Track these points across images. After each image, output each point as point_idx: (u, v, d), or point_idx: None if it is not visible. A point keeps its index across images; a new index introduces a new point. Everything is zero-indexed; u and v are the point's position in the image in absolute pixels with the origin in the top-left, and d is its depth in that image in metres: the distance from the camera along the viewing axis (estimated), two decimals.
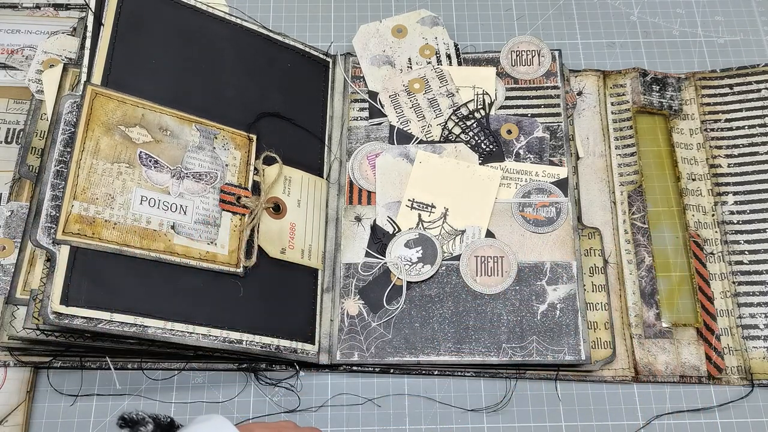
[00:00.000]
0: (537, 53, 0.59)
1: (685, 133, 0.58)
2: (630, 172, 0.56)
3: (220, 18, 0.54)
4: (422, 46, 0.60)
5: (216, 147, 0.50)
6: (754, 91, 0.59)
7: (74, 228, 0.43)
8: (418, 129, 0.57)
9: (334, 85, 0.59)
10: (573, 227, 0.53)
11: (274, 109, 0.54)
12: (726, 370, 0.51)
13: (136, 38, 0.49)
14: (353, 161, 0.56)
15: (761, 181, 0.56)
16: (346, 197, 0.55)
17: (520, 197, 0.54)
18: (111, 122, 0.46)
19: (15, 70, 0.57)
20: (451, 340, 0.50)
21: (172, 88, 0.50)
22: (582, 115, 0.59)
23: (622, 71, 0.60)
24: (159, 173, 0.47)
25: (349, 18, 0.64)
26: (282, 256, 0.51)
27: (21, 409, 0.48)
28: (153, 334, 0.44)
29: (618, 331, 0.52)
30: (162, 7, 0.51)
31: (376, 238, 0.54)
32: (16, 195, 0.52)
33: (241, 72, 0.54)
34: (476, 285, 0.52)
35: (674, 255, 0.54)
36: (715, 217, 0.56)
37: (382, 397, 0.51)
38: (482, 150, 0.56)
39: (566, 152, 0.56)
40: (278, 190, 0.52)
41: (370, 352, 0.50)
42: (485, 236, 0.53)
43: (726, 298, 0.53)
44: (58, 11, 0.60)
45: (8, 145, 0.54)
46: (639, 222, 0.55)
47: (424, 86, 0.58)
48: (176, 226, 0.46)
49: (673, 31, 0.64)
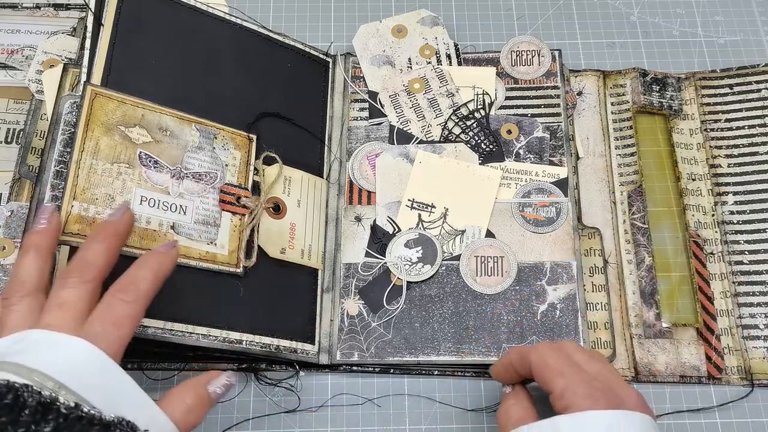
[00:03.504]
0: (537, 53, 0.59)
1: (685, 133, 0.58)
2: (630, 172, 0.56)
3: (220, 18, 0.54)
4: (422, 46, 0.60)
5: (216, 147, 0.50)
6: (754, 91, 0.59)
7: (74, 228, 0.43)
8: (418, 129, 0.57)
9: (334, 85, 0.59)
10: (573, 227, 0.53)
11: (274, 109, 0.54)
12: (726, 370, 0.51)
13: (136, 38, 0.49)
14: (353, 161, 0.56)
15: (761, 181, 0.56)
16: (346, 197, 0.55)
17: (520, 197, 0.54)
18: (111, 122, 0.46)
19: (15, 70, 0.57)
20: (451, 340, 0.50)
21: (171, 88, 0.50)
22: (582, 115, 0.59)
23: (622, 71, 0.60)
24: (159, 173, 0.47)
25: (349, 18, 0.64)
26: (282, 256, 0.51)
27: None
28: (153, 334, 0.44)
29: (618, 331, 0.52)
30: (162, 7, 0.51)
31: (376, 238, 0.54)
32: (16, 195, 0.52)
33: (241, 72, 0.54)
34: (476, 285, 0.52)
35: (674, 255, 0.54)
36: (715, 217, 0.56)
37: (382, 397, 0.51)
38: (482, 150, 0.56)
39: (566, 152, 0.56)
40: (278, 190, 0.52)
41: (370, 352, 0.50)
42: (485, 236, 0.53)
43: (726, 298, 0.53)
44: (58, 11, 0.60)
45: (8, 145, 0.54)
46: (639, 222, 0.55)
47: (424, 86, 0.58)
48: (176, 226, 0.46)
49: (673, 31, 0.64)
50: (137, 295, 0.38)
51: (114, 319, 0.37)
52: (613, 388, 0.39)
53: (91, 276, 0.38)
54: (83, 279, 0.38)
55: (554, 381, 0.39)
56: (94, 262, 0.39)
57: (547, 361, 0.40)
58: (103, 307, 0.38)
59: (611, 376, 0.40)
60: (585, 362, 0.40)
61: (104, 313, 0.37)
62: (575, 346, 0.42)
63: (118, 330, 0.37)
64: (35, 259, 0.39)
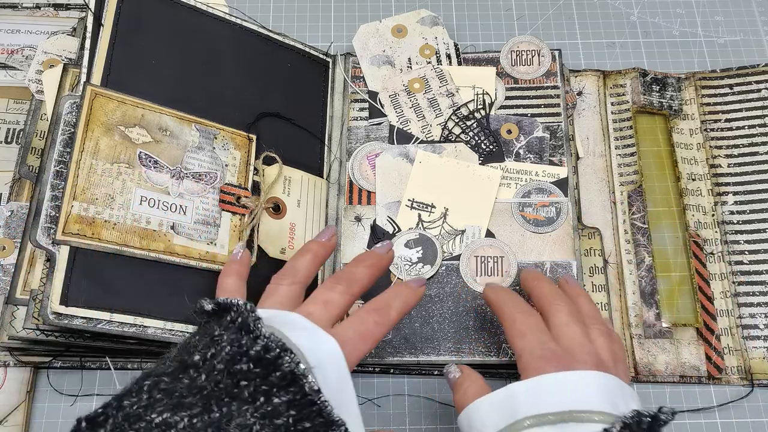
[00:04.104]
0: (537, 53, 0.59)
1: (685, 133, 0.58)
2: (630, 172, 0.56)
3: (220, 18, 0.54)
4: (422, 45, 0.60)
5: (216, 147, 0.50)
6: (754, 91, 0.59)
7: (74, 228, 0.43)
8: (418, 129, 0.57)
9: (334, 85, 0.59)
10: (573, 227, 0.53)
11: (274, 109, 0.54)
12: (726, 370, 0.51)
13: (136, 38, 0.49)
14: (353, 161, 0.56)
15: (761, 181, 0.56)
16: (346, 197, 0.55)
17: (520, 197, 0.54)
18: (110, 122, 0.46)
19: (15, 70, 0.57)
20: (451, 340, 0.50)
21: (171, 88, 0.50)
22: (582, 115, 0.59)
23: (622, 71, 0.60)
24: (159, 173, 0.47)
25: (349, 18, 0.64)
26: (282, 256, 0.51)
27: (21, 409, 0.48)
28: (153, 334, 0.44)
29: (618, 331, 0.52)
30: (161, 7, 0.51)
31: (376, 238, 0.54)
32: (16, 195, 0.52)
33: (240, 72, 0.54)
34: (476, 285, 0.52)
35: (674, 255, 0.54)
36: (715, 217, 0.56)
37: (382, 397, 0.51)
38: (482, 150, 0.56)
39: (566, 152, 0.56)
40: (278, 190, 0.52)
41: (370, 352, 0.50)
42: (485, 236, 0.53)
43: (726, 298, 0.53)
44: (58, 11, 0.60)
45: (8, 145, 0.54)
46: (639, 222, 0.55)
47: (424, 86, 0.58)
48: (176, 226, 0.46)
49: (673, 31, 0.64)
50: (387, 320, 0.41)
51: (363, 333, 0.39)
52: (572, 350, 0.39)
53: (356, 291, 0.42)
54: (349, 291, 0.41)
55: (515, 342, 0.41)
56: (360, 280, 0.43)
57: (514, 323, 0.42)
58: (357, 320, 0.40)
59: (582, 340, 0.40)
60: (561, 326, 0.41)
61: (357, 324, 0.39)
62: (566, 310, 0.43)
63: (363, 344, 0.39)
64: (313, 261, 0.44)
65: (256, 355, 0.32)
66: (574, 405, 0.36)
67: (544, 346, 0.39)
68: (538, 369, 0.38)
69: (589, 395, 0.36)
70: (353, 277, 0.42)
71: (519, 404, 0.37)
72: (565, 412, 0.35)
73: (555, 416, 0.35)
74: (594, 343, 0.41)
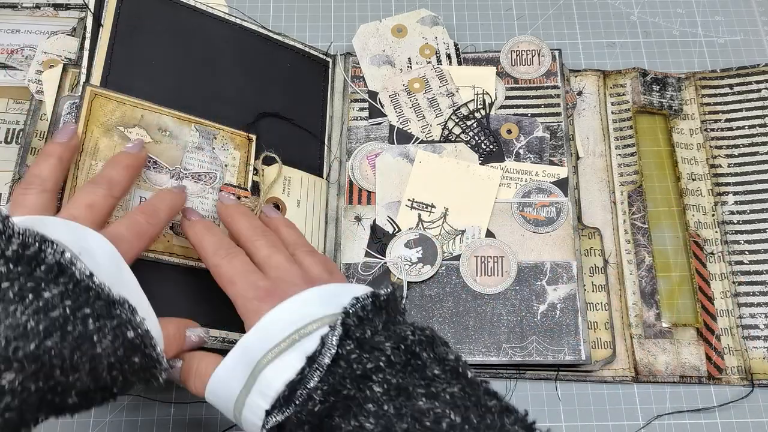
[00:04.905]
0: (537, 53, 0.59)
1: (685, 133, 0.58)
2: (630, 172, 0.56)
3: (219, 18, 0.54)
4: (422, 45, 0.59)
5: (215, 147, 0.50)
6: (754, 91, 0.59)
7: None
8: (418, 129, 0.57)
9: (334, 85, 0.59)
10: (573, 227, 0.53)
11: (273, 109, 0.54)
12: (726, 370, 0.51)
13: (136, 39, 0.49)
14: (353, 161, 0.56)
15: (761, 181, 0.56)
16: (346, 197, 0.55)
17: (520, 197, 0.54)
18: (110, 123, 0.46)
19: (15, 70, 0.57)
20: (451, 340, 0.50)
21: (171, 89, 0.50)
22: (582, 115, 0.59)
23: (622, 71, 0.60)
24: (158, 174, 0.47)
25: (349, 18, 0.64)
26: None
27: None
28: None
29: (618, 331, 0.52)
30: (161, 7, 0.51)
31: (376, 238, 0.54)
32: None
33: (240, 72, 0.54)
34: (476, 285, 0.52)
35: (674, 255, 0.54)
36: (715, 217, 0.56)
37: None
38: (482, 150, 0.56)
39: (566, 152, 0.56)
40: (278, 190, 0.52)
41: None
42: (485, 236, 0.53)
43: (726, 298, 0.53)
44: (58, 11, 0.60)
45: (8, 145, 0.54)
46: (639, 222, 0.55)
47: (424, 86, 0.58)
48: (175, 226, 0.46)
49: (673, 31, 0.64)
50: (158, 220, 0.42)
51: (138, 231, 0.40)
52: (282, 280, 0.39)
53: (117, 193, 0.41)
54: (111, 194, 0.41)
55: (227, 290, 0.40)
56: (119, 182, 0.42)
57: (220, 271, 0.41)
58: (127, 221, 0.40)
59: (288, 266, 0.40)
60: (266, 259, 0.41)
61: (130, 224, 0.40)
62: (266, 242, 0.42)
63: (139, 240, 0.40)
64: (57, 166, 0.41)
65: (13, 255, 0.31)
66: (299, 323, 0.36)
67: (255, 286, 0.39)
68: (257, 310, 0.37)
69: (311, 310, 0.36)
70: (112, 179, 0.42)
71: (253, 351, 0.36)
72: (292, 333, 0.35)
73: (286, 342, 0.35)
74: (302, 265, 0.41)
